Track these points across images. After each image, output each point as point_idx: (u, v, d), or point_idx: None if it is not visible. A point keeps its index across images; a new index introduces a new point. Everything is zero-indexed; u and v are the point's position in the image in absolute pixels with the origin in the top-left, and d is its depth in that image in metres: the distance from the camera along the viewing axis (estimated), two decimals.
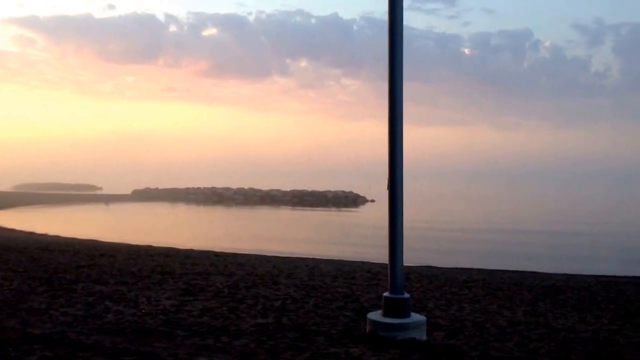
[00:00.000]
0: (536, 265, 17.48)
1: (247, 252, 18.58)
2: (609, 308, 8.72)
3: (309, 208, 60.69)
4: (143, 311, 6.83)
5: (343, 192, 73.95)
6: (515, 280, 12.12)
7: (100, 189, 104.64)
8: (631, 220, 46.07)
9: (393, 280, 5.88)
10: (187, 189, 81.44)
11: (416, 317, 5.86)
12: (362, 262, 15.67)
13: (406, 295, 5.91)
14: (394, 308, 5.77)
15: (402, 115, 5.95)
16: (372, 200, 67.95)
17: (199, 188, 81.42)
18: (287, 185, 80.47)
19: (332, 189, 75.75)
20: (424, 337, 5.73)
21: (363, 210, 59.50)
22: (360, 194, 72.03)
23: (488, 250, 25.65)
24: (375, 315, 5.91)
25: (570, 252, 25.52)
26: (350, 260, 17.01)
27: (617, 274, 15.92)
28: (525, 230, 36.07)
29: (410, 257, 16.40)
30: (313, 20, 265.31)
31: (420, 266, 15.44)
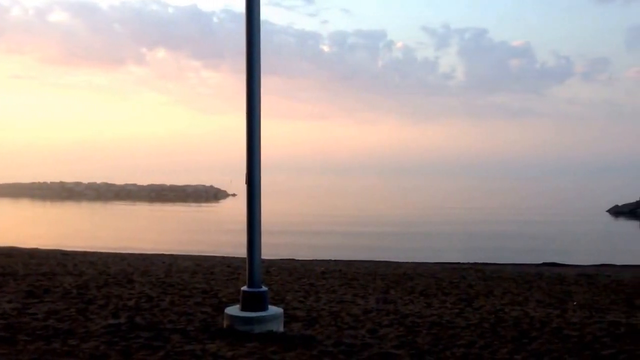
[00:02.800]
0: (389, 255, 18.37)
1: (99, 250, 17.69)
2: (452, 293, 9.39)
3: (167, 203, 59.00)
4: None
5: (203, 186, 72.80)
6: (370, 270, 12.67)
7: None
8: (477, 209, 49.92)
9: (251, 274, 5.90)
10: (32, 183, 75.70)
11: (273, 309, 5.94)
12: (223, 257, 15.53)
13: (264, 288, 5.95)
14: (252, 302, 5.79)
15: (260, 109, 5.97)
16: (234, 195, 67.58)
17: (45, 183, 76.01)
18: (144, 180, 77.42)
19: (192, 184, 74.24)
20: (281, 329, 5.82)
21: (224, 205, 59.01)
22: (221, 188, 71.33)
23: (347, 242, 26.54)
24: (232, 310, 5.90)
25: (420, 242, 27.13)
26: (210, 255, 16.78)
27: (461, 260, 17.19)
28: (381, 222, 37.76)
29: (274, 251, 16.67)
30: (171, 10, 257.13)
31: (281, 259, 15.63)
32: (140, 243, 23.45)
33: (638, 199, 46.64)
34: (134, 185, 73.71)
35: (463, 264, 15.78)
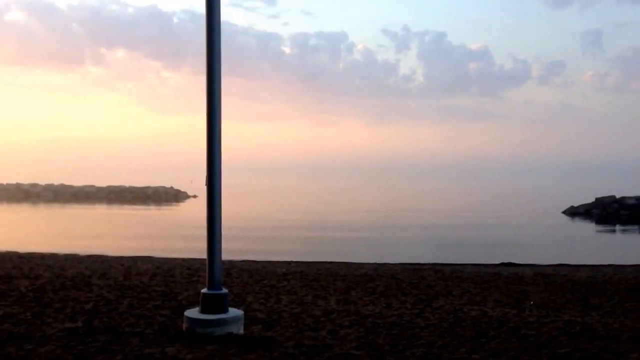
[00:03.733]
0: (350, 257, 18.44)
1: (56, 253, 17.31)
2: (412, 293, 9.49)
3: (127, 205, 58.02)
4: None
5: (164, 187, 71.84)
6: (331, 271, 12.70)
7: None
8: (437, 211, 50.50)
9: (211, 276, 5.87)
10: None
11: (234, 311, 5.92)
12: (183, 259, 15.35)
13: (224, 290, 5.93)
14: (212, 304, 5.76)
15: (220, 111, 5.95)
16: (194, 196, 66.86)
17: (1, 184, 74.01)
18: (102, 181, 75.92)
19: (152, 185, 73.20)
20: (241, 331, 5.80)
21: (184, 207, 58.35)
22: (182, 189, 70.53)
23: (308, 243, 26.56)
24: (192, 313, 5.86)
25: (382, 243, 27.33)
26: (169, 257, 16.57)
27: (421, 261, 17.37)
28: (343, 224, 37.87)
29: (235, 254, 16.54)
30: (130, 10, 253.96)
31: (241, 260, 15.55)
32: (98, 246, 23.02)
33: (593, 200, 47.89)
34: (93, 186, 72.19)
35: (423, 264, 15.95)
